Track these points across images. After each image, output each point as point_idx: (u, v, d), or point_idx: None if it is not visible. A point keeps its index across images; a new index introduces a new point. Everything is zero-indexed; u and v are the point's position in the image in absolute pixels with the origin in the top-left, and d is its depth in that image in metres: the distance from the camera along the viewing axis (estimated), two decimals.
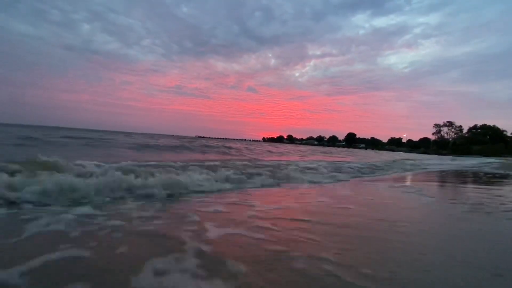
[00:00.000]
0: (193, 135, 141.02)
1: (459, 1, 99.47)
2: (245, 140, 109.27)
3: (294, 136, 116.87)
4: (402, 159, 15.05)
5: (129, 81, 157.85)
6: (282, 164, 6.86)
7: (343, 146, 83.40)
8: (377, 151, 45.96)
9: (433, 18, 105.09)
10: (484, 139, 56.94)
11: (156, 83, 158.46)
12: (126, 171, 3.55)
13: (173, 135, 75.64)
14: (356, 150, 47.49)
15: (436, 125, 69.41)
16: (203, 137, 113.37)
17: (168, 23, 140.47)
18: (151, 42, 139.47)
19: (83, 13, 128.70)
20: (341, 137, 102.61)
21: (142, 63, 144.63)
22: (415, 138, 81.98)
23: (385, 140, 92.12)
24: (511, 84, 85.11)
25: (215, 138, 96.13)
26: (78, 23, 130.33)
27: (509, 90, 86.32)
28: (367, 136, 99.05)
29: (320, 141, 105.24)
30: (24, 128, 28.80)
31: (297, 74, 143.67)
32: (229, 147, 15.56)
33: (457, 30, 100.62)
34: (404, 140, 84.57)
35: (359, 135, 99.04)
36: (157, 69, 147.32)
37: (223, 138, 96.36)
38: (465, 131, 65.26)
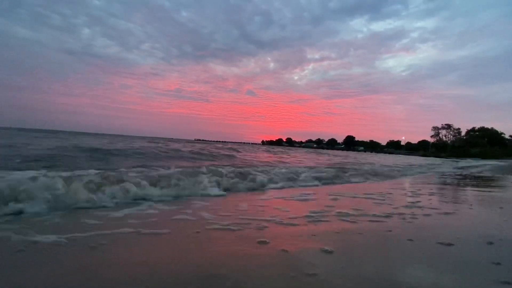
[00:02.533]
0: (192, 138, 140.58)
1: (455, 6, 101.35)
2: (244, 143, 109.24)
3: (293, 139, 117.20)
4: None
5: (129, 85, 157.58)
6: None
7: (342, 149, 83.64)
8: (393, 155, 43.27)
9: (429, 23, 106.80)
10: (483, 142, 57.51)
11: (155, 87, 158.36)
12: None
13: (172, 138, 75.32)
14: (362, 153, 47.54)
15: (435, 128, 69.96)
16: (203, 140, 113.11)
17: (167, 28, 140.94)
18: (151, 46, 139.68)
19: (83, 18, 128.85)
20: (340, 140, 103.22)
21: (142, 66, 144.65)
22: (414, 140, 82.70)
23: (383, 142, 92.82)
24: (508, 87, 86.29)
25: (215, 141, 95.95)
26: (78, 28, 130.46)
27: (506, 93, 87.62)
28: (366, 139, 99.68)
29: (319, 144, 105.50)
30: (24, 132, 28.53)
31: (296, 78, 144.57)
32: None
33: (453, 34, 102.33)
34: (402, 143, 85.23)
35: (358, 138, 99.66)
36: (157, 73, 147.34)
37: (223, 141, 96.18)
38: (463, 133, 65.97)
